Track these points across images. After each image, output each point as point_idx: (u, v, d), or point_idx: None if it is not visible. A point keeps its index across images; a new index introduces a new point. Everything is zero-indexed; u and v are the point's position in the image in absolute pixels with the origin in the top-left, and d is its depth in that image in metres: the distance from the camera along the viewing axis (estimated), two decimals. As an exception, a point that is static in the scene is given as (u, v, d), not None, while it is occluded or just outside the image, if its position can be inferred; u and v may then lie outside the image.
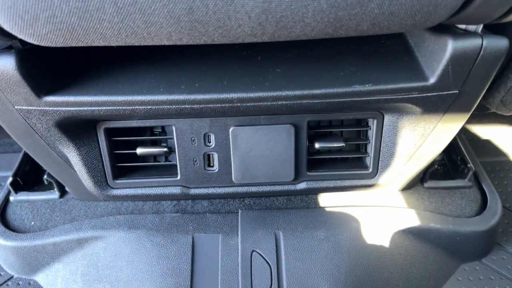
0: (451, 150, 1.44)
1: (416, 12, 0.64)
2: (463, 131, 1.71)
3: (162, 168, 1.16)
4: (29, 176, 1.36)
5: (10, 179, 1.28)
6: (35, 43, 0.68)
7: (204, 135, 1.05)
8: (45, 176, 1.30)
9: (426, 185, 1.32)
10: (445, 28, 0.83)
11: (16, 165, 1.34)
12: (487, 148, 1.68)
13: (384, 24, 0.67)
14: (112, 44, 0.70)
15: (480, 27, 0.83)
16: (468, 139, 1.61)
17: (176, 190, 1.14)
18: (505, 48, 0.82)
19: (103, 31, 0.65)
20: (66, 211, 1.27)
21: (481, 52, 0.81)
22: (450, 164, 1.43)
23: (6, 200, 1.31)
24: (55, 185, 1.29)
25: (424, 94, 0.89)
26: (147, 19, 0.63)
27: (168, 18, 0.63)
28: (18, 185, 1.31)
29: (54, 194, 1.30)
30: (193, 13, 0.62)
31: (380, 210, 1.24)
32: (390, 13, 0.64)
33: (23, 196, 1.30)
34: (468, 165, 1.33)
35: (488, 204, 1.29)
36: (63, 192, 1.31)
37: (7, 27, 0.64)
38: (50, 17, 0.62)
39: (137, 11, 0.61)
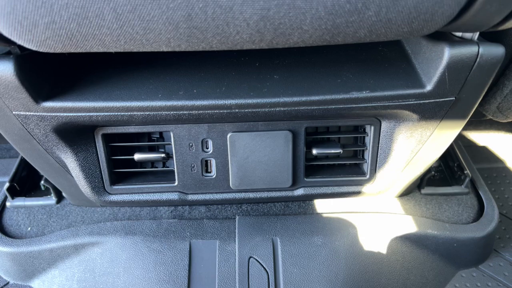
0: (448, 156, 1.44)
1: (413, 19, 0.65)
2: (460, 138, 1.72)
3: (160, 174, 1.16)
4: (26, 181, 1.36)
5: (7, 184, 1.27)
6: (34, 49, 0.68)
7: (202, 141, 1.05)
8: (42, 182, 1.30)
9: (423, 191, 1.32)
10: (441, 36, 0.84)
11: (13, 170, 1.33)
12: (484, 154, 1.68)
13: (381, 31, 0.67)
14: (111, 50, 0.70)
15: (476, 35, 0.84)
16: (465, 145, 1.62)
17: (173, 196, 1.14)
18: (501, 56, 0.82)
19: (102, 37, 0.65)
20: (63, 216, 1.26)
21: (478, 60, 0.82)
22: (447, 170, 1.43)
23: (3, 206, 1.30)
24: (52, 191, 1.28)
25: (421, 101, 0.90)
26: (146, 25, 0.63)
27: (167, 25, 0.63)
28: (14, 191, 1.30)
29: (51, 200, 1.29)
30: (192, 20, 0.62)
31: (377, 216, 1.24)
32: (387, 20, 0.64)
33: (20, 201, 1.29)
34: (465, 172, 1.33)
35: (485, 210, 1.29)
36: (60, 197, 1.31)
37: (6, 33, 0.64)
38: (49, 23, 0.62)
39: (136, 17, 0.62)
